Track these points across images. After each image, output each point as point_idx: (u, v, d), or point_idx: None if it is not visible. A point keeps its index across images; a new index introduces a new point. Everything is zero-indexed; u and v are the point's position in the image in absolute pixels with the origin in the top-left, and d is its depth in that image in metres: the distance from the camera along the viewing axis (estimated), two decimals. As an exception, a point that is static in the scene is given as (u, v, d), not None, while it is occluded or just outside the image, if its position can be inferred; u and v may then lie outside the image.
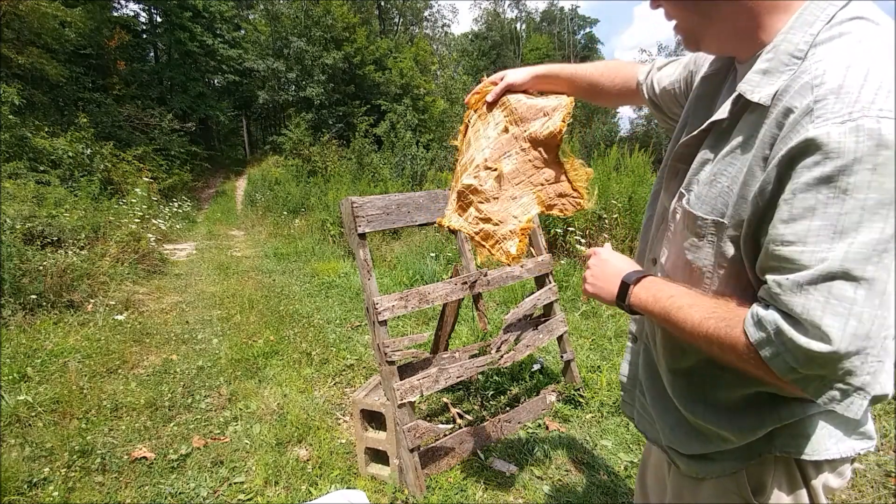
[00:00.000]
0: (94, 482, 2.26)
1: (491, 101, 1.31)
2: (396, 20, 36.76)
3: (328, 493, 1.99)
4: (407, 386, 2.08)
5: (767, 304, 0.65)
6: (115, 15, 19.65)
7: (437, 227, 1.57)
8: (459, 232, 1.37)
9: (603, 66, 1.23)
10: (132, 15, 21.46)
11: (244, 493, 2.18)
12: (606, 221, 5.45)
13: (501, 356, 2.44)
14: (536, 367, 3.05)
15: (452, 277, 2.41)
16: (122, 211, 8.16)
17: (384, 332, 2.07)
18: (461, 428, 2.44)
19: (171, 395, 3.10)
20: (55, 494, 2.14)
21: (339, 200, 3.78)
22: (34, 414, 2.81)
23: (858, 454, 0.79)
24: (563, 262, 5.28)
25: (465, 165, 1.34)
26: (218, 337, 4.20)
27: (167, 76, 20.60)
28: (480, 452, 2.33)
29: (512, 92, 1.31)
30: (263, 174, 17.70)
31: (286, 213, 11.00)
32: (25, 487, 2.19)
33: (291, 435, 2.61)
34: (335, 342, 3.93)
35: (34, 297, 4.47)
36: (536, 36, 43.70)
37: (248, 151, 26.48)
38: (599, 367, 3.08)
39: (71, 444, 2.49)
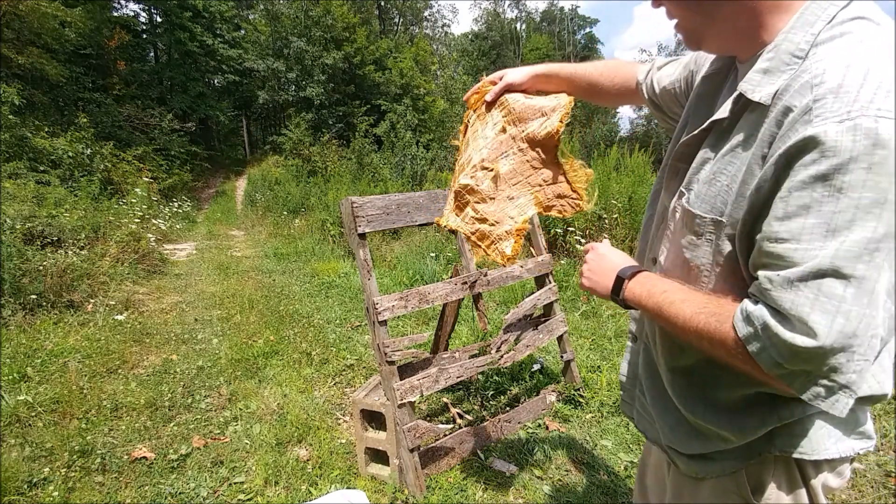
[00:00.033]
0: (94, 482, 2.26)
1: (490, 100, 1.30)
2: (396, 20, 36.77)
3: (328, 493, 1.99)
4: (407, 386, 2.08)
5: (757, 299, 0.66)
6: (115, 15, 19.66)
7: (436, 227, 1.56)
8: (459, 232, 1.37)
9: (602, 65, 1.23)
10: (132, 15, 21.49)
11: (244, 493, 2.18)
12: (606, 221, 5.45)
13: (501, 356, 2.44)
14: (536, 367, 3.05)
15: (452, 277, 2.41)
16: (122, 211, 8.16)
17: (384, 332, 2.07)
18: (461, 428, 2.44)
19: (171, 395, 3.10)
20: (55, 494, 2.14)
21: (339, 200, 3.78)
22: (34, 414, 2.81)
23: (858, 454, 0.79)
24: (563, 262, 5.28)
25: (462, 165, 1.34)
26: (218, 337, 4.20)
27: (167, 76, 20.60)
28: (480, 452, 2.33)
29: (511, 92, 1.30)
30: (263, 174, 17.70)
31: (286, 213, 11.00)
32: (25, 487, 2.19)
33: (291, 435, 2.61)
34: (335, 342, 3.93)
35: (34, 297, 4.48)
36: (536, 36, 43.70)
37: (248, 151, 26.49)
38: (599, 367, 3.08)
39: (71, 444, 2.50)
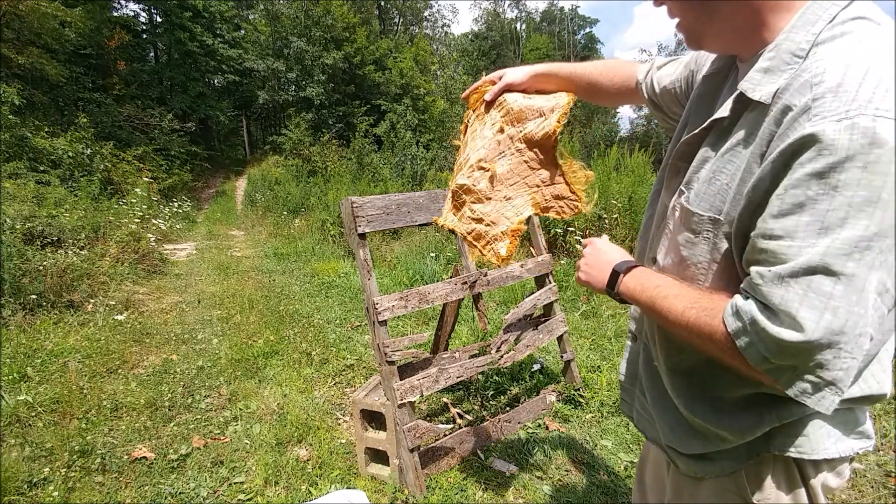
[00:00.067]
0: (94, 482, 2.26)
1: (489, 100, 1.30)
2: (396, 20, 36.77)
3: (328, 493, 1.99)
4: (407, 386, 2.08)
5: (748, 295, 0.66)
6: (115, 15, 19.65)
7: (436, 227, 1.56)
8: (456, 231, 1.36)
9: (602, 65, 1.23)
10: (132, 15, 21.48)
11: (244, 493, 2.18)
12: (606, 221, 5.45)
13: (501, 356, 2.44)
14: (536, 367, 3.05)
15: (452, 277, 2.41)
16: (122, 211, 8.16)
17: (384, 332, 2.07)
18: (461, 428, 2.44)
19: (171, 395, 3.10)
20: (55, 494, 2.14)
21: (339, 200, 3.78)
22: (34, 414, 2.81)
23: (857, 454, 0.79)
24: (563, 262, 5.28)
25: (460, 165, 1.34)
26: (218, 337, 4.20)
27: (167, 76, 20.60)
28: (480, 452, 2.33)
29: (511, 91, 1.29)
30: (263, 174, 17.69)
31: (286, 213, 10.99)
32: (25, 487, 2.19)
33: (291, 435, 2.61)
34: (335, 342, 3.93)
35: (34, 297, 4.48)
36: (536, 36, 43.68)
37: (248, 151, 26.48)
38: (599, 367, 3.08)
39: (71, 444, 2.50)
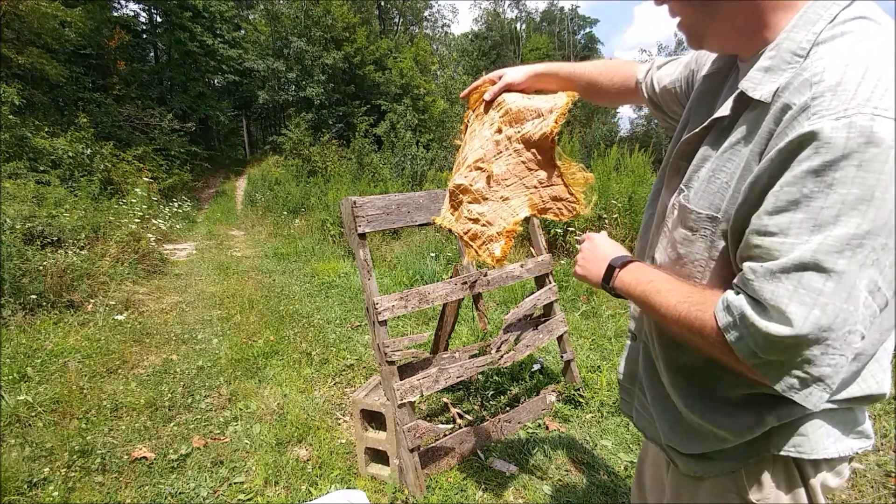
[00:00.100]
0: (94, 482, 2.26)
1: (488, 99, 1.30)
2: (396, 20, 36.76)
3: (328, 493, 1.99)
4: (407, 386, 2.08)
5: (739, 290, 0.67)
6: (115, 15, 19.65)
7: (437, 227, 1.56)
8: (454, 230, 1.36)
9: (602, 64, 1.23)
10: (132, 15, 21.47)
11: (244, 493, 2.18)
12: (606, 221, 5.45)
13: (501, 356, 2.44)
14: (536, 367, 3.05)
15: (452, 277, 2.41)
16: (122, 211, 8.16)
17: (384, 332, 2.07)
18: (461, 428, 2.44)
19: (171, 395, 3.10)
20: (55, 494, 2.14)
21: (339, 200, 3.78)
22: (34, 414, 2.81)
23: (856, 453, 0.79)
24: (563, 262, 5.28)
25: (458, 165, 1.33)
26: (218, 337, 4.20)
27: (167, 76, 20.60)
28: (480, 452, 2.34)
29: (511, 91, 1.29)
30: (263, 174, 17.69)
31: (286, 213, 10.99)
32: (25, 487, 2.19)
33: (291, 435, 2.61)
34: (335, 342, 3.93)
35: (34, 297, 4.48)
36: (536, 36, 43.67)
37: (248, 151, 26.48)
38: (599, 367, 3.08)
39: (71, 444, 2.50)
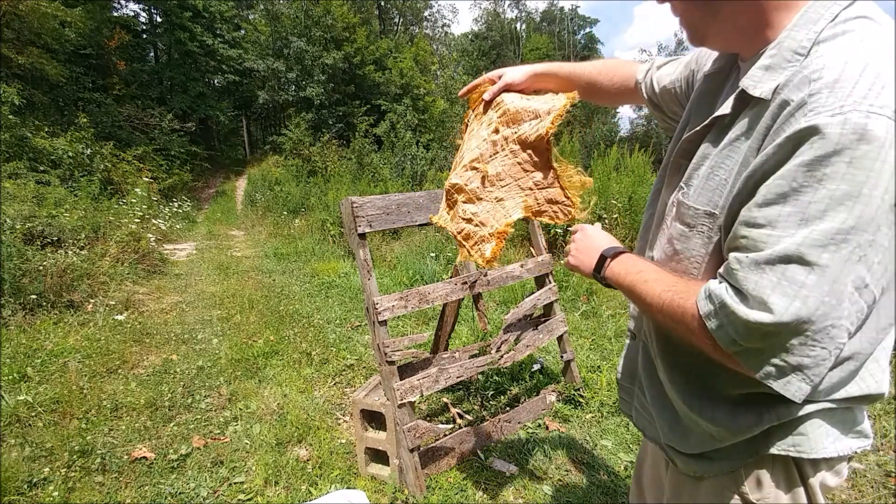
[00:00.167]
0: (94, 482, 2.26)
1: (487, 99, 1.30)
2: (396, 20, 36.77)
3: (328, 493, 1.99)
4: (407, 386, 2.08)
5: (723, 279, 0.68)
6: (115, 15, 19.64)
7: (436, 226, 1.56)
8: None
9: (602, 64, 1.23)
10: (132, 15, 21.46)
11: (244, 493, 2.18)
12: (606, 221, 5.45)
13: (501, 356, 2.44)
14: (536, 367, 3.05)
15: (452, 277, 2.41)
16: (122, 211, 8.15)
17: (384, 332, 2.07)
18: (461, 428, 2.44)
19: (171, 395, 3.10)
20: (55, 494, 2.14)
21: (339, 200, 3.78)
22: (34, 414, 2.81)
23: (855, 453, 0.80)
24: (563, 262, 5.27)
25: (455, 164, 1.33)
26: (218, 337, 4.20)
27: (167, 76, 20.59)
28: (480, 452, 2.34)
29: (510, 91, 1.29)
30: (263, 174, 17.69)
31: (286, 213, 10.99)
32: (25, 487, 2.19)
33: (291, 435, 2.61)
34: (335, 342, 3.93)
35: (34, 297, 4.48)
36: (536, 36, 43.65)
37: (248, 151, 26.47)
38: (599, 367, 3.08)
39: (71, 444, 2.50)
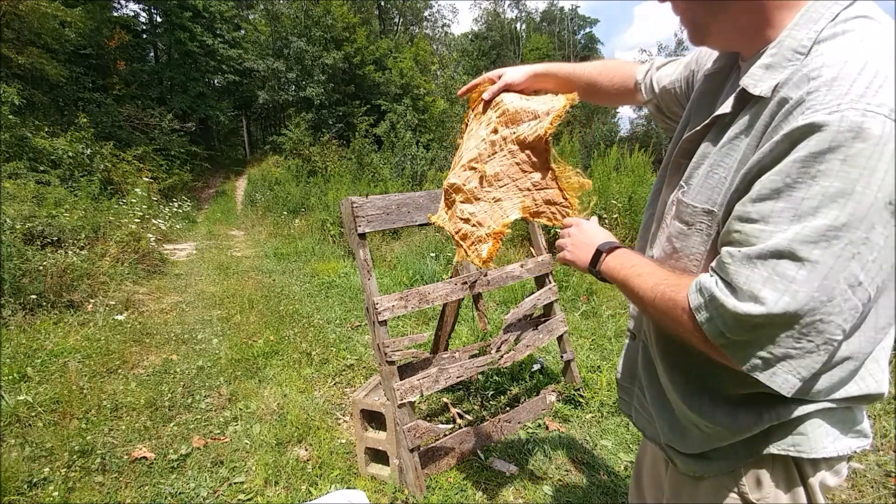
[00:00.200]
0: (94, 482, 2.26)
1: (487, 98, 1.29)
2: (396, 20, 36.77)
3: (328, 493, 2.00)
4: (407, 386, 2.08)
5: (714, 272, 0.68)
6: (115, 15, 19.63)
7: (436, 226, 1.56)
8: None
9: (601, 65, 1.23)
10: (132, 15, 21.45)
11: (244, 493, 2.18)
12: (606, 221, 5.45)
13: (501, 356, 2.44)
14: (536, 367, 3.05)
15: (452, 277, 2.41)
16: (122, 211, 8.15)
17: (384, 332, 2.07)
18: (461, 428, 2.44)
19: (171, 395, 3.10)
20: (55, 494, 2.14)
21: (339, 200, 3.78)
22: (34, 414, 2.81)
23: (855, 452, 0.80)
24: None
25: (454, 164, 1.33)
26: (218, 337, 4.20)
27: (167, 76, 20.58)
28: (480, 452, 2.34)
29: (510, 91, 1.29)
30: (263, 174, 17.69)
31: (286, 213, 10.99)
32: (25, 487, 2.19)
33: (291, 435, 2.61)
34: (335, 342, 3.93)
35: (34, 297, 4.48)
36: (536, 36, 43.62)
37: (248, 151, 26.46)
38: (599, 367, 3.08)
39: (71, 444, 2.50)
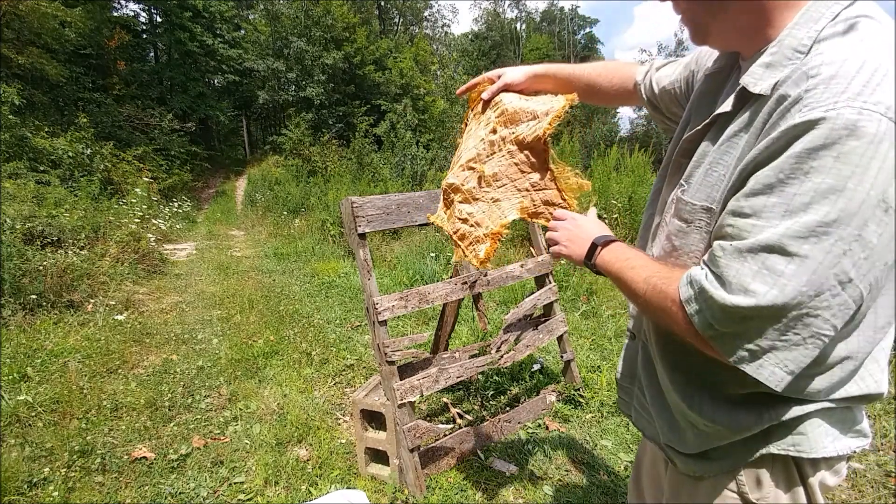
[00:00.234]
0: (94, 482, 2.26)
1: (486, 98, 1.29)
2: (396, 20, 36.76)
3: (328, 493, 2.00)
4: (407, 386, 2.08)
5: (705, 265, 0.69)
6: (115, 15, 19.63)
7: (435, 226, 1.57)
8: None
9: (601, 66, 1.23)
10: (132, 15, 21.44)
11: (244, 493, 2.18)
12: (607, 221, 5.44)
13: (501, 356, 2.44)
14: (536, 367, 3.05)
15: (452, 277, 2.41)
16: (122, 211, 8.15)
17: (384, 332, 2.07)
18: (461, 428, 2.44)
19: (171, 395, 3.10)
20: (55, 494, 2.14)
21: (339, 200, 3.78)
22: (34, 414, 2.81)
23: (854, 452, 0.80)
24: (562, 261, 5.28)
25: (453, 164, 1.33)
26: (218, 337, 4.20)
27: (167, 76, 20.58)
28: (480, 452, 2.34)
29: (509, 91, 1.29)
30: (263, 174, 17.69)
31: (286, 213, 10.99)
32: (25, 487, 2.20)
33: (291, 435, 2.61)
34: (335, 342, 3.93)
35: (34, 297, 4.48)
36: (536, 36, 43.61)
37: (248, 151, 26.46)
38: (599, 367, 3.08)
39: (71, 444, 2.50)
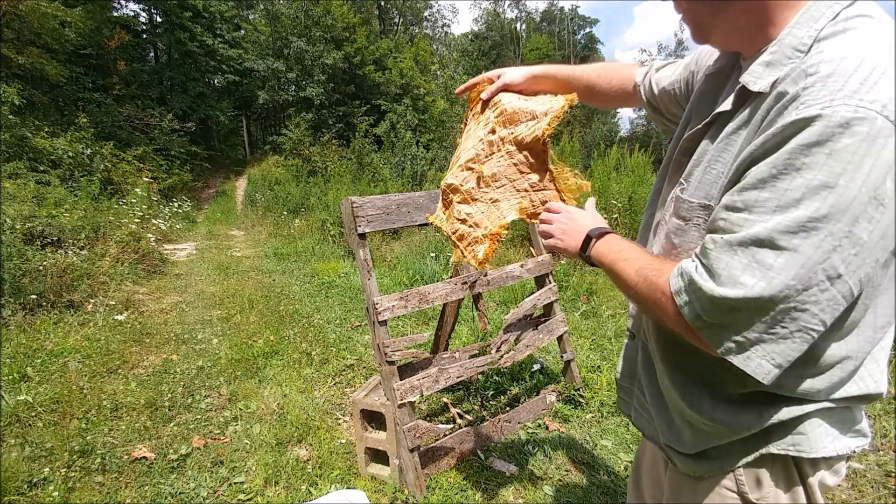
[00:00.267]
0: (94, 482, 2.26)
1: (485, 98, 1.29)
2: (396, 20, 36.76)
3: (328, 493, 2.00)
4: (407, 386, 2.08)
5: (696, 257, 0.69)
6: (115, 15, 19.64)
7: (435, 227, 1.57)
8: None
9: (601, 67, 1.23)
10: (132, 15, 21.45)
11: (244, 493, 2.18)
12: (606, 221, 5.45)
13: (501, 356, 2.44)
14: (536, 367, 3.05)
15: (452, 277, 2.41)
16: (122, 211, 8.16)
17: (384, 332, 2.07)
18: (461, 428, 2.44)
19: (171, 395, 3.10)
20: (55, 494, 2.14)
21: (339, 200, 3.78)
22: (34, 414, 2.81)
23: (854, 452, 0.80)
24: (563, 261, 5.28)
25: (452, 164, 1.33)
26: (218, 337, 4.20)
27: (167, 76, 20.59)
28: (480, 452, 2.34)
29: (508, 91, 1.29)
30: (263, 174, 17.69)
31: (286, 213, 11.00)
32: (25, 487, 2.20)
33: (291, 435, 2.61)
34: (335, 342, 3.93)
35: (34, 297, 4.48)
36: (536, 36, 43.60)
37: (248, 151, 26.46)
38: (599, 367, 3.08)
39: (71, 444, 2.50)
